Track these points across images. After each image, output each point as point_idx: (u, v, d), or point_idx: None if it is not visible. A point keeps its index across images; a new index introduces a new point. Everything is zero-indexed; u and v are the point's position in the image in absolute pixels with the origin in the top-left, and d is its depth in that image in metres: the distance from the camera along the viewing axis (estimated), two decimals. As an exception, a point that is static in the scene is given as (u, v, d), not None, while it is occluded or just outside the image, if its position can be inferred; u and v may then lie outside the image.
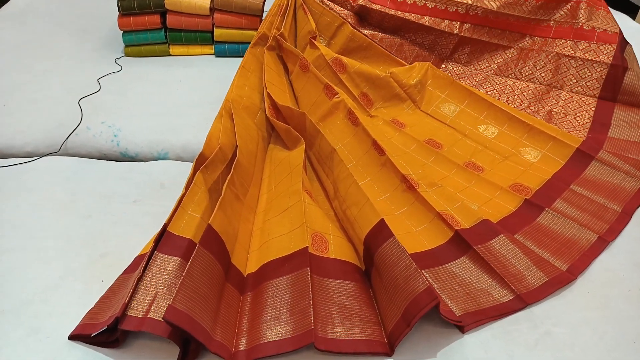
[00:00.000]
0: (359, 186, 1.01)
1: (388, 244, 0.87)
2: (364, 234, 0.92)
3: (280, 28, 1.43)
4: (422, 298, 0.78)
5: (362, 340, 0.81)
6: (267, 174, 1.18)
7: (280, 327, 0.81)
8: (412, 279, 0.80)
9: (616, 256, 0.99)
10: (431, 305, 0.77)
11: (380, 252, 0.87)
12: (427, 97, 1.37)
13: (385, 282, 0.85)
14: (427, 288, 0.79)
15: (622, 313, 0.88)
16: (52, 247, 0.99)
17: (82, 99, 1.43)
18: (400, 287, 0.81)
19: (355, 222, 0.96)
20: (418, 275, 0.80)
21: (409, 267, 0.82)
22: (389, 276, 0.84)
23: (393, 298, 0.82)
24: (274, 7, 1.48)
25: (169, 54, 1.70)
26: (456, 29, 1.45)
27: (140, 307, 0.78)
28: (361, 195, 0.99)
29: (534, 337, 0.84)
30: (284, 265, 0.90)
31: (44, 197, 1.12)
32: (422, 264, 0.93)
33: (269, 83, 1.31)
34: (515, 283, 0.90)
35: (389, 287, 0.84)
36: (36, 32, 1.81)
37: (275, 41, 1.42)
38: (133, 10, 1.61)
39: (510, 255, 0.94)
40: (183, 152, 1.30)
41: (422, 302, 0.78)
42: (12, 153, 1.30)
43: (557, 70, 1.38)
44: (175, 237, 0.87)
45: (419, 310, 0.77)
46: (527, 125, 1.26)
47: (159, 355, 0.80)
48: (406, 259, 0.83)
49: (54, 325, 0.84)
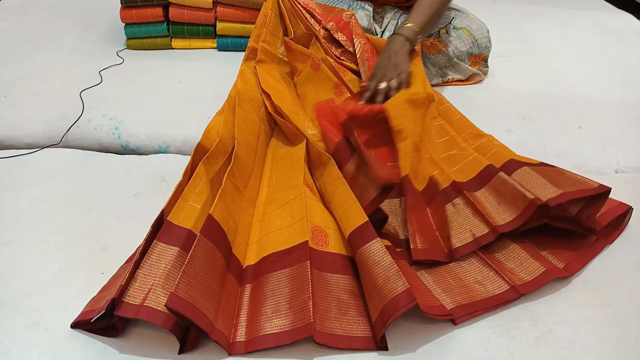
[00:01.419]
0: (348, 188, 0.99)
1: (371, 244, 0.86)
2: (347, 234, 0.92)
3: (267, 39, 1.41)
4: (400, 299, 0.78)
5: (358, 337, 0.81)
6: (269, 167, 1.18)
7: (279, 320, 0.81)
8: (391, 280, 0.80)
9: (618, 255, 0.98)
10: (409, 306, 0.77)
11: (361, 252, 0.87)
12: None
13: (365, 282, 0.85)
14: (406, 289, 0.79)
15: (624, 312, 0.88)
16: (52, 240, 0.99)
17: (83, 91, 1.43)
18: (379, 287, 0.81)
19: (340, 222, 0.96)
20: (399, 277, 0.80)
21: (390, 268, 0.82)
22: (369, 276, 0.84)
23: (371, 298, 0.82)
24: (260, 19, 1.44)
25: (171, 47, 1.70)
26: None
27: (138, 295, 0.78)
28: (348, 197, 0.98)
29: (536, 335, 0.83)
30: (284, 258, 0.90)
31: (45, 189, 1.11)
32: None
33: (265, 85, 1.31)
34: (510, 276, 0.90)
35: (369, 287, 0.84)
36: (38, 24, 1.81)
37: (265, 54, 1.40)
38: (135, 3, 1.61)
39: (505, 252, 0.94)
40: (184, 146, 1.29)
41: (399, 303, 0.78)
42: (13, 144, 1.30)
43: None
44: (176, 226, 0.87)
45: (396, 311, 0.77)
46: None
47: (159, 346, 0.80)
48: (388, 260, 0.83)
49: (53, 317, 0.84)
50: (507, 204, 0.97)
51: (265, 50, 1.41)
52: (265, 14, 1.44)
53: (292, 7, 1.45)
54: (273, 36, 1.44)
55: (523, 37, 1.78)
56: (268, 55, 1.42)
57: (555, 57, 1.61)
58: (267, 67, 1.41)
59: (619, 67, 1.60)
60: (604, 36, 1.78)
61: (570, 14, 1.94)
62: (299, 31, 1.44)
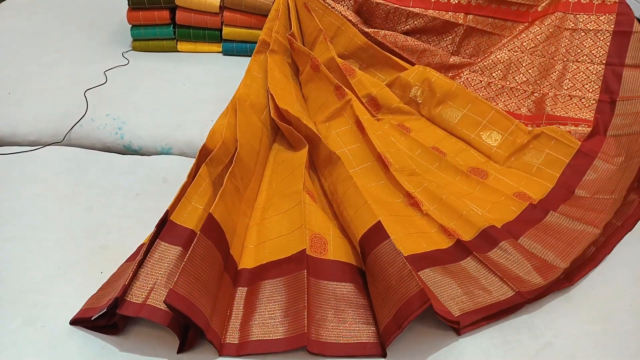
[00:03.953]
0: (358, 188, 1.00)
1: (383, 245, 0.86)
2: (359, 235, 0.92)
3: (280, 31, 1.42)
4: (414, 300, 0.78)
5: (355, 344, 0.81)
6: (269, 171, 1.18)
7: (273, 328, 0.81)
8: (405, 281, 0.80)
9: (618, 270, 0.98)
10: (423, 307, 0.77)
11: (374, 253, 0.87)
12: (429, 103, 1.37)
13: (377, 283, 0.85)
14: (420, 290, 0.78)
15: (624, 327, 0.87)
16: (52, 238, 0.99)
17: (88, 90, 1.43)
18: (393, 288, 0.81)
19: (351, 223, 0.96)
20: (412, 277, 0.80)
21: (403, 268, 0.82)
22: (382, 277, 0.84)
23: (385, 299, 0.82)
24: (272, 13, 1.47)
25: (177, 50, 1.70)
26: (460, 19, 1.45)
27: (140, 294, 0.78)
28: (359, 198, 0.98)
29: (535, 348, 0.83)
30: (282, 266, 0.90)
31: (46, 186, 1.11)
32: (422, 263, 0.93)
33: (272, 85, 1.31)
34: (515, 282, 0.90)
35: (381, 288, 0.83)
36: (46, 23, 1.82)
37: (278, 44, 1.41)
38: (143, 5, 1.61)
39: (510, 263, 0.94)
40: (187, 148, 1.29)
41: (414, 305, 0.77)
42: (16, 141, 1.30)
43: (559, 42, 1.38)
44: (178, 226, 0.87)
45: (411, 313, 0.77)
46: (528, 132, 1.26)
47: (157, 344, 0.80)
48: (401, 260, 0.83)
49: (51, 315, 0.84)
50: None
51: (278, 42, 1.42)
52: (277, 9, 1.46)
53: (308, 0, 1.46)
54: (285, 29, 1.45)
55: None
56: (280, 47, 1.43)
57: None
58: (279, 59, 1.41)
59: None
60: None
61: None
62: (310, 27, 1.45)
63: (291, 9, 1.46)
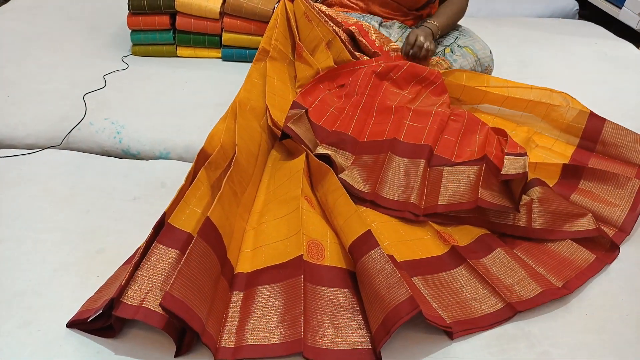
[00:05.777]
0: (348, 198, 1.00)
1: (372, 253, 0.86)
2: (348, 244, 0.92)
3: (279, 39, 1.44)
4: (403, 307, 0.78)
5: (351, 350, 0.81)
6: (267, 176, 1.18)
7: (269, 333, 0.81)
8: (394, 288, 0.80)
9: (615, 280, 0.98)
10: (412, 314, 0.77)
11: (362, 262, 0.87)
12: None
13: (366, 291, 0.85)
14: (409, 297, 0.78)
15: (621, 337, 0.87)
16: (49, 240, 0.98)
17: (87, 94, 1.43)
18: (381, 296, 0.81)
19: (341, 232, 0.96)
20: (401, 285, 0.80)
21: (392, 276, 0.82)
22: (369, 285, 0.84)
23: (374, 306, 0.82)
24: (272, 22, 1.48)
25: (176, 55, 1.71)
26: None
27: (136, 296, 0.78)
28: (349, 207, 0.98)
29: (531, 357, 0.83)
30: (279, 271, 0.90)
31: (43, 189, 1.11)
32: (414, 271, 0.94)
33: (270, 94, 1.31)
34: (507, 293, 0.90)
35: (371, 296, 0.83)
36: (46, 26, 1.82)
37: (277, 52, 1.42)
38: (143, 10, 1.62)
39: (504, 269, 0.94)
40: (185, 153, 1.29)
41: (402, 311, 0.78)
42: (14, 144, 1.29)
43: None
44: (176, 229, 0.87)
45: (399, 319, 0.77)
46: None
47: (154, 348, 0.80)
48: (390, 268, 0.83)
49: (46, 318, 0.83)
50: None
51: (278, 49, 1.43)
52: (276, 18, 1.47)
53: (308, 10, 1.47)
54: (284, 37, 1.47)
55: (524, 61, 1.79)
56: (280, 54, 1.44)
57: (555, 82, 1.62)
58: (278, 67, 1.42)
59: (619, 94, 1.61)
60: (605, 64, 1.80)
61: (572, 41, 1.96)
62: (310, 35, 1.46)
63: (291, 19, 1.47)
